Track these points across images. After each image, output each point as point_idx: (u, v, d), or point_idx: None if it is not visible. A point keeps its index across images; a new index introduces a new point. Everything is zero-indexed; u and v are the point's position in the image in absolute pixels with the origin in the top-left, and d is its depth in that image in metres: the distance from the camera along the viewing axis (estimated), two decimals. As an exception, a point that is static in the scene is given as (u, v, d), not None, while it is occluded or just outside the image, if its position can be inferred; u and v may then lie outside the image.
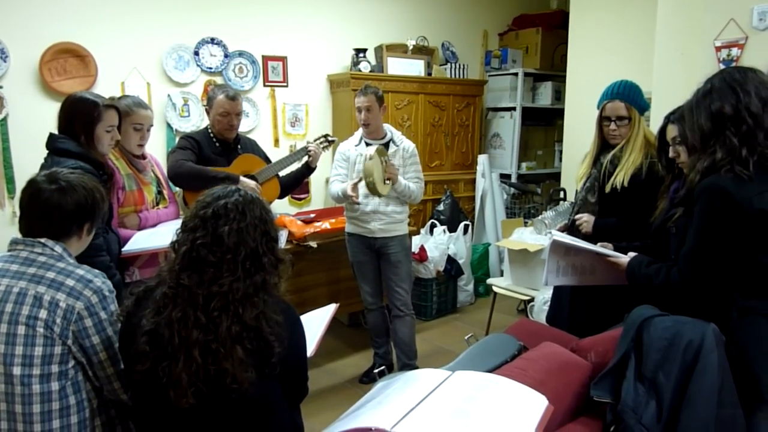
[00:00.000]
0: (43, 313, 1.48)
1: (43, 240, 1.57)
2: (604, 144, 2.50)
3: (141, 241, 2.39)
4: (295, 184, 3.29)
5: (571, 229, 2.52)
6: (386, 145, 3.21)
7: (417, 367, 3.39)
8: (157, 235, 2.40)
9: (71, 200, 1.58)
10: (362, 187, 3.13)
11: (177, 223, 1.54)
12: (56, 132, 2.21)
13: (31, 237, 1.59)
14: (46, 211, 1.57)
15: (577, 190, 2.64)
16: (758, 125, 1.59)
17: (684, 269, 1.67)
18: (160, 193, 2.67)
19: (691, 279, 1.66)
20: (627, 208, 2.36)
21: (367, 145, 3.20)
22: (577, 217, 2.49)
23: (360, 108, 3.15)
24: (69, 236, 1.61)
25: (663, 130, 2.08)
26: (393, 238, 3.24)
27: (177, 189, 2.91)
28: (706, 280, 1.64)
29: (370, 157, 2.94)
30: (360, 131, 3.28)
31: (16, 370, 1.46)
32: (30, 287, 1.50)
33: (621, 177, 2.36)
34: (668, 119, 2.06)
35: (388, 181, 3.09)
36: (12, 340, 1.47)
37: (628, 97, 2.40)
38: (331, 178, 3.34)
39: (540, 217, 2.71)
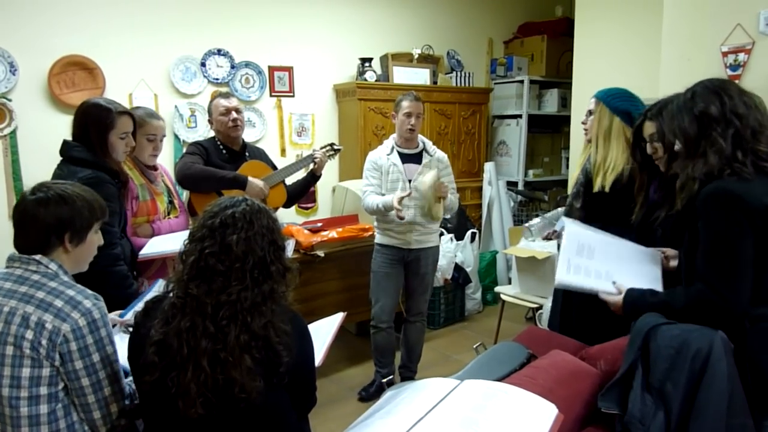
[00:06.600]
0: (29, 334, 1.43)
1: (38, 257, 1.51)
2: None
3: (157, 245, 2.41)
4: (302, 193, 3.30)
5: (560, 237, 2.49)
6: (419, 155, 3.15)
7: (414, 372, 3.42)
8: (173, 239, 2.41)
9: (48, 211, 1.51)
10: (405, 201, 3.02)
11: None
12: (70, 139, 2.18)
13: (18, 250, 1.54)
14: (23, 223, 1.53)
15: None
16: (744, 125, 1.58)
17: (718, 287, 1.55)
18: (171, 203, 2.68)
19: (731, 297, 1.54)
20: (610, 213, 2.32)
21: (400, 154, 3.12)
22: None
23: (410, 113, 3.05)
24: (51, 249, 1.54)
25: (640, 127, 2.03)
26: (427, 249, 3.20)
27: (183, 196, 2.93)
28: (744, 291, 1.54)
29: (429, 186, 2.88)
30: (391, 139, 3.19)
31: (5, 392, 1.43)
32: (20, 307, 1.45)
33: (601, 180, 2.33)
34: (645, 115, 2.01)
35: (438, 203, 3.00)
36: (0, 360, 1.44)
37: (603, 96, 2.38)
38: (363, 188, 3.20)
39: (527, 224, 2.68)
